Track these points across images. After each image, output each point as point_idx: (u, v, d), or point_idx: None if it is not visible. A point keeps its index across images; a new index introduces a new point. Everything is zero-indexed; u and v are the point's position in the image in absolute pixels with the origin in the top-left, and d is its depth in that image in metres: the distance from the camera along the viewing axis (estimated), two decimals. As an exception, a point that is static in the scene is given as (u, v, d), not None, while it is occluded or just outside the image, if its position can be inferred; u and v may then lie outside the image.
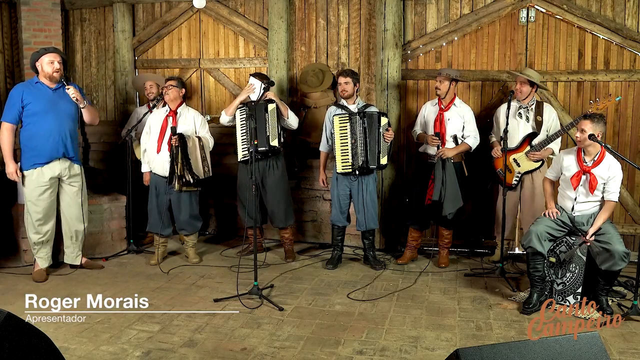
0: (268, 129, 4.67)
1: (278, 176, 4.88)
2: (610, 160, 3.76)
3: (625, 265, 3.64)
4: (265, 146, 4.66)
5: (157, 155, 4.75)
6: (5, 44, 6.21)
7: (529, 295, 3.86)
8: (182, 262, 4.94)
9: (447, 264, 4.84)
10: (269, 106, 4.70)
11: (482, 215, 5.17)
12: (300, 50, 5.59)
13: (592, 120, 3.68)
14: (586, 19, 4.84)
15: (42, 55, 4.28)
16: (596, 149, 3.75)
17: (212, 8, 5.76)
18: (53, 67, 4.27)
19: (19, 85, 4.45)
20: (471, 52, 5.18)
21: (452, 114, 4.69)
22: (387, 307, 3.87)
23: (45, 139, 4.29)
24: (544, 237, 3.80)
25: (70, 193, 4.50)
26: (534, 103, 4.62)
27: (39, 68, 4.30)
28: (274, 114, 4.72)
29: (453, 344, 3.26)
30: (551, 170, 4.08)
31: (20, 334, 1.81)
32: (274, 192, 4.87)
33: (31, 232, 4.42)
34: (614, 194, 3.76)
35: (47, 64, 4.26)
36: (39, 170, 4.32)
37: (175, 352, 3.14)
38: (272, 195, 4.87)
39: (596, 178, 3.73)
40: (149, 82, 5.48)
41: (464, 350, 1.83)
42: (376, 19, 5.22)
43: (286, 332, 3.44)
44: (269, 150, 4.71)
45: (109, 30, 6.21)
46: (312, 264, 4.94)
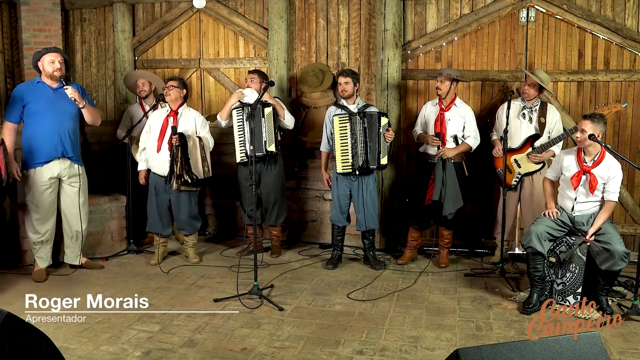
0: (265, 134, 4.70)
1: (274, 175, 4.93)
2: (611, 160, 3.76)
3: (625, 265, 3.64)
4: (262, 151, 4.72)
5: (157, 154, 4.74)
6: (5, 44, 6.21)
7: (529, 295, 3.86)
8: (182, 262, 4.94)
9: (447, 264, 4.84)
10: (266, 110, 4.72)
11: (482, 215, 5.17)
12: (300, 50, 5.59)
13: (592, 121, 3.68)
14: (586, 19, 4.84)
15: (43, 55, 4.29)
16: (596, 149, 3.75)
17: (212, 8, 5.76)
18: (54, 67, 4.27)
19: (20, 85, 4.49)
20: (471, 52, 5.18)
21: (453, 114, 4.68)
22: (387, 307, 3.87)
23: (44, 139, 4.29)
24: (544, 237, 3.80)
25: (71, 193, 4.49)
26: (538, 104, 4.62)
27: (40, 67, 4.32)
28: (270, 117, 4.74)
29: (453, 344, 3.26)
30: (551, 170, 4.08)
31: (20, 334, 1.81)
32: (269, 190, 4.94)
33: (31, 231, 4.42)
34: (614, 194, 3.76)
35: (48, 63, 4.27)
36: (39, 170, 4.33)
37: (175, 352, 3.14)
38: (267, 194, 4.94)
39: (596, 178, 3.73)
40: (141, 80, 5.45)
41: (464, 350, 1.83)
42: (376, 19, 5.22)
43: (286, 332, 3.44)
44: (266, 155, 4.77)
45: (109, 30, 6.21)
46: (312, 264, 4.94)
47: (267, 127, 4.72)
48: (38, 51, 4.37)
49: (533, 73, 4.55)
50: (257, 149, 4.58)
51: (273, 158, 4.89)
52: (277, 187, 4.98)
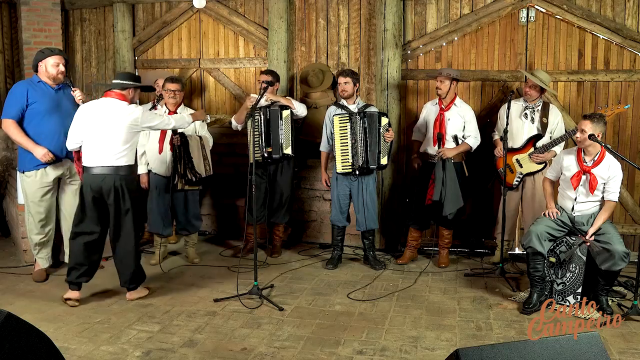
0: (282, 137, 4.79)
1: (288, 177, 5.04)
2: (611, 160, 3.76)
3: (625, 265, 3.64)
4: (279, 154, 4.82)
5: (159, 155, 4.75)
6: (5, 44, 6.21)
7: (529, 295, 3.86)
8: (182, 262, 4.94)
9: (447, 264, 4.84)
10: (284, 113, 4.81)
11: (482, 215, 5.17)
12: (300, 50, 5.59)
13: (592, 121, 3.68)
14: (586, 19, 4.84)
15: (47, 57, 4.23)
16: (596, 149, 3.75)
17: (212, 8, 5.76)
18: (58, 70, 4.23)
19: (22, 83, 4.37)
20: (471, 52, 5.18)
21: (453, 114, 4.68)
22: (387, 307, 3.87)
23: (49, 140, 4.25)
24: (544, 237, 3.80)
25: (71, 192, 4.49)
26: (540, 104, 4.62)
27: (41, 68, 4.26)
28: (288, 120, 4.82)
29: (453, 344, 3.26)
30: (551, 170, 4.08)
31: (20, 334, 1.81)
32: (280, 190, 5.02)
33: (33, 233, 4.41)
34: (614, 194, 3.76)
35: (52, 66, 4.21)
36: (42, 172, 4.29)
37: (175, 352, 3.14)
38: (277, 194, 5.02)
39: (596, 178, 3.73)
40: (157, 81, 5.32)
41: (464, 350, 1.83)
42: (376, 19, 5.22)
43: (286, 332, 3.44)
44: (282, 158, 4.85)
45: (109, 30, 6.21)
46: (312, 264, 4.94)
47: (284, 130, 4.80)
48: (41, 51, 4.31)
49: (533, 74, 4.55)
50: (273, 152, 4.78)
51: (287, 159, 4.97)
52: (288, 188, 5.06)
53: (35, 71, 4.32)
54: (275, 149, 4.79)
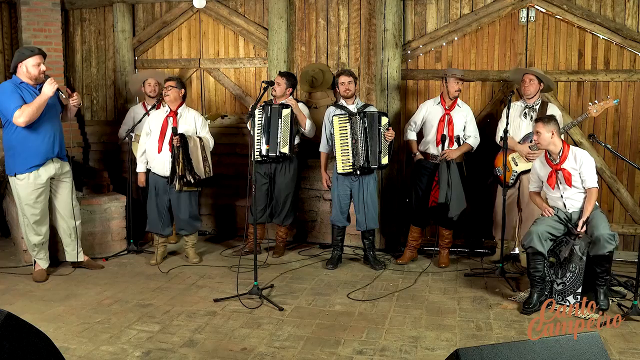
0: (280, 135, 4.77)
1: (289, 178, 5.00)
2: (576, 150, 3.91)
3: (613, 248, 3.65)
4: (275, 152, 4.79)
5: (157, 155, 4.74)
6: (5, 44, 6.21)
7: (529, 295, 3.86)
8: (182, 262, 4.94)
9: (447, 264, 4.83)
10: (283, 111, 4.78)
11: (482, 215, 5.17)
12: (300, 50, 5.59)
13: (543, 122, 3.87)
14: (586, 19, 4.84)
15: (27, 57, 4.12)
16: (557, 146, 3.88)
17: (212, 8, 5.76)
18: (39, 69, 4.14)
19: (9, 83, 4.17)
20: (471, 52, 5.18)
21: (457, 115, 4.69)
22: (387, 307, 3.87)
23: (41, 140, 4.22)
24: (545, 237, 3.81)
25: (65, 190, 4.48)
26: (539, 103, 4.62)
27: (21, 69, 4.14)
28: (287, 119, 4.79)
29: (453, 344, 3.25)
30: (532, 183, 4.20)
31: (20, 334, 1.81)
32: (281, 191, 5.00)
33: (31, 234, 4.39)
34: (591, 180, 3.84)
35: (33, 66, 4.12)
36: (36, 173, 4.25)
37: (175, 352, 3.14)
38: (278, 194, 5.01)
39: (568, 171, 3.85)
40: (148, 81, 5.41)
41: (464, 350, 1.83)
42: (376, 19, 5.22)
43: (286, 332, 3.43)
44: (279, 156, 4.82)
45: (109, 30, 6.21)
46: (312, 264, 4.94)
47: (282, 128, 4.77)
48: (21, 52, 4.18)
49: (528, 68, 4.57)
50: (270, 150, 4.77)
51: (288, 159, 4.95)
52: (290, 189, 5.02)
53: (13, 72, 4.19)
54: (273, 147, 4.78)
